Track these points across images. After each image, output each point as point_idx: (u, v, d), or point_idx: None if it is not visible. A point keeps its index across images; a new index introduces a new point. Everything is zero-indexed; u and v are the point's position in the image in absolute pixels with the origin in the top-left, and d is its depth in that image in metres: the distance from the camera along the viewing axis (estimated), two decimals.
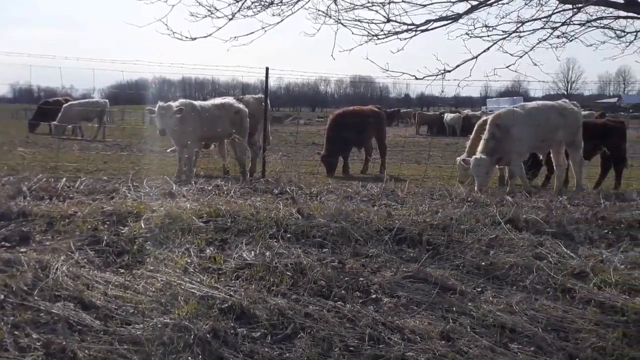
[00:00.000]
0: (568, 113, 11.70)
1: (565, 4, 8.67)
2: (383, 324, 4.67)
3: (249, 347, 4.20)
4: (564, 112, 11.67)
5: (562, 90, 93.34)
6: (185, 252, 5.80)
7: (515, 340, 4.62)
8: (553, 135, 11.56)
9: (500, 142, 11.18)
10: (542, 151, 12.46)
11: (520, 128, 11.18)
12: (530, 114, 11.52)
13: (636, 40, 9.22)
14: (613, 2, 8.47)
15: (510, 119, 11.35)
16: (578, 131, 11.80)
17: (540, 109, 11.87)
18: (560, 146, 11.84)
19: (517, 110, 11.72)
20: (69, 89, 35.11)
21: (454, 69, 8.76)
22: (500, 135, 11.19)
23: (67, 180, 8.63)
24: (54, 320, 4.29)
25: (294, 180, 10.21)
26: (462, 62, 8.79)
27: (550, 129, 11.48)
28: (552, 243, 6.76)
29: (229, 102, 12.78)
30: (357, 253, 6.25)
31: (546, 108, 11.92)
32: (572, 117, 11.73)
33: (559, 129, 11.53)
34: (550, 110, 11.77)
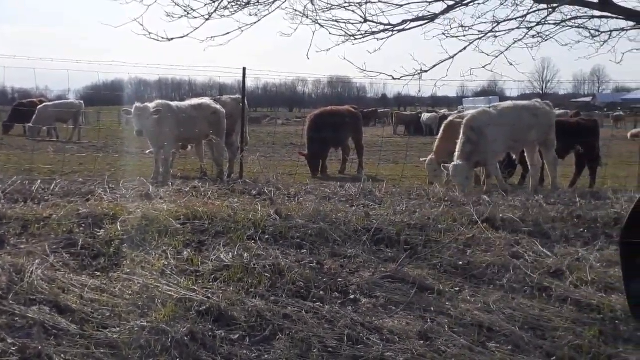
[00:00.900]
0: (540, 113, 11.80)
1: (540, 3, 8.72)
2: (362, 325, 4.66)
3: (227, 350, 4.17)
4: (536, 112, 11.77)
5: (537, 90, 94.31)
6: (163, 254, 5.76)
7: (492, 339, 4.63)
8: (526, 135, 11.66)
9: (476, 144, 11.25)
10: (515, 151, 12.53)
11: (495, 128, 11.26)
12: (503, 114, 11.63)
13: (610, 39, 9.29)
14: (588, 2, 8.53)
15: (484, 120, 11.42)
16: (551, 130, 11.90)
17: (513, 109, 11.98)
18: (533, 146, 11.93)
19: (490, 111, 11.82)
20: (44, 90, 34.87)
21: (430, 69, 8.78)
22: (475, 138, 11.25)
23: (42, 182, 8.54)
24: (30, 325, 4.22)
25: (272, 181, 10.20)
26: (439, 62, 8.81)
27: (523, 128, 11.57)
28: (529, 242, 6.82)
29: (206, 103, 12.74)
30: (336, 254, 6.25)
31: (518, 108, 12.04)
32: (545, 117, 11.83)
33: (532, 128, 11.64)
34: (523, 110, 11.88)
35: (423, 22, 8.62)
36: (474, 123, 11.44)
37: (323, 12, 8.56)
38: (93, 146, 20.98)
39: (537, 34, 9.11)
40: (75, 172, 12.27)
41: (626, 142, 23.09)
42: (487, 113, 11.75)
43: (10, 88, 50.39)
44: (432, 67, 8.79)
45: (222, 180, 11.34)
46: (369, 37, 8.64)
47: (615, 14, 8.52)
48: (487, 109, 12.10)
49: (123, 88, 40.46)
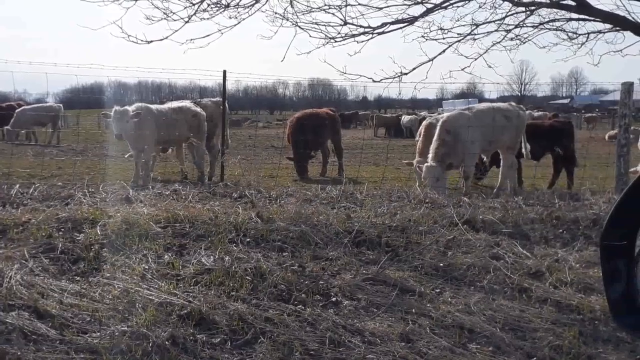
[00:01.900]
0: (513, 115, 11.86)
1: (519, 6, 8.82)
2: (343, 327, 4.67)
3: (209, 354, 4.16)
4: (508, 114, 11.83)
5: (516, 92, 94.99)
6: (143, 258, 5.72)
7: (473, 340, 4.65)
8: (499, 136, 11.71)
9: (451, 146, 11.33)
10: (488, 153, 12.62)
11: (470, 130, 11.33)
12: (478, 116, 11.70)
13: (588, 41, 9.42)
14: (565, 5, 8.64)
15: (459, 122, 11.48)
16: (520, 134, 11.97)
17: (487, 110, 12.07)
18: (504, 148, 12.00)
19: (465, 113, 11.88)
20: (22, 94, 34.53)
21: (410, 72, 8.86)
22: (451, 140, 11.34)
23: (20, 186, 8.46)
24: (8, 330, 4.18)
25: (253, 183, 10.19)
26: (419, 65, 8.89)
27: (497, 130, 11.63)
28: (509, 243, 6.85)
29: (186, 106, 12.71)
30: (317, 256, 6.24)
31: (492, 110, 12.11)
32: (517, 120, 11.92)
33: (505, 130, 11.71)
34: (496, 112, 11.97)
35: (402, 25, 8.69)
36: (449, 125, 11.52)
37: (303, 15, 8.60)
38: (72, 150, 20.81)
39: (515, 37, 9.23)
40: (54, 175, 12.17)
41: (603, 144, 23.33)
42: (462, 115, 11.82)
43: None
44: (411, 70, 8.87)
45: (203, 183, 11.32)
46: (349, 39, 8.69)
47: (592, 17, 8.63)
48: (463, 111, 12.17)
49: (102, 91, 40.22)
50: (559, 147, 13.39)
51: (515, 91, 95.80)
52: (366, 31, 8.66)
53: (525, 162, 13.94)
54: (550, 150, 13.62)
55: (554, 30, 9.51)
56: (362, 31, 8.66)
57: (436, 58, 8.85)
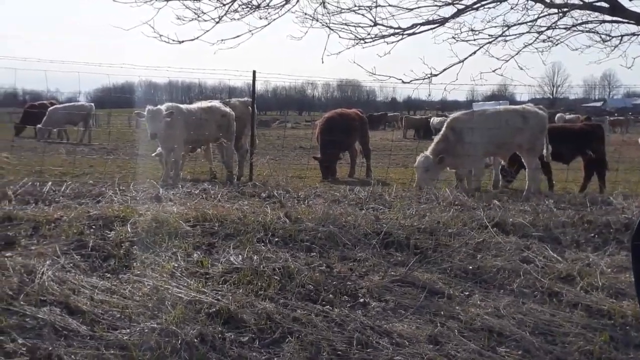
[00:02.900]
0: (531, 116, 11.67)
1: (551, 8, 8.72)
2: (371, 328, 4.66)
3: (237, 352, 4.18)
4: (526, 116, 11.65)
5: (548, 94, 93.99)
6: (173, 256, 5.77)
7: (502, 343, 4.62)
8: (513, 139, 11.53)
9: (452, 144, 11.30)
10: (502, 155, 12.48)
11: (475, 132, 11.23)
12: (487, 118, 11.56)
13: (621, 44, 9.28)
14: (598, 7, 8.52)
15: (467, 122, 11.39)
16: (540, 135, 11.76)
17: (500, 112, 11.94)
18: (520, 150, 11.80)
19: (475, 114, 11.76)
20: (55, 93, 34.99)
21: (440, 73, 8.80)
22: (453, 139, 11.31)
23: (53, 184, 8.57)
24: (40, 325, 4.24)
25: (281, 184, 10.20)
26: (449, 66, 8.83)
27: (510, 132, 11.48)
28: (539, 247, 6.80)
29: (215, 106, 12.75)
30: (345, 257, 6.25)
31: (507, 112, 11.98)
32: (535, 121, 11.68)
33: (520, 132, 11.50)
34: (512, 114, 11.82)
35: (433, 26, 8.64)
36: (456, 124, 11.51)
37: (333, 16, 8.59)
38: (103, 148, 21.03)
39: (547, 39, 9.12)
40: (85, 174, 12.30)
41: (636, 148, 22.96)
42: (470, 116, 11.73)
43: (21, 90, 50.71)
44: (442, 71, 8.81)
45: (232, 183, 11.34)
46: (378, 40, 8.66)
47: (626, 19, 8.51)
48: (472, 112, 12.05)
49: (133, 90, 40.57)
50: (589, 150, 13.21)
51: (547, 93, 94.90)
52: (396, 32, 8.63)
53: (556, 165, 13.80)
54: (581, 153, 13.44)
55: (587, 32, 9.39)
56: (392, 32, 8.62)
57: (467, 59, 8.78)
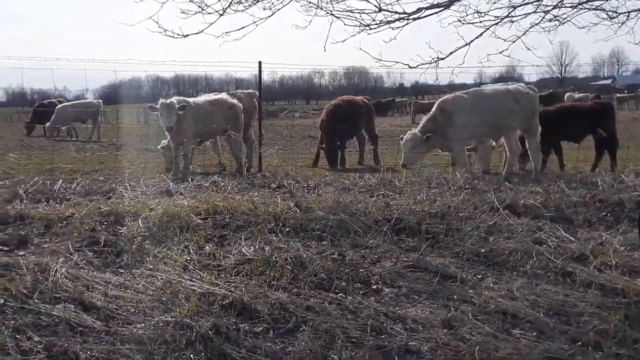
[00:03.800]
0: (522, 97, 11.50)
1: None
2: (385, 315, 4.67)
3: (252, 342, 4.19)
4: (517, 97, 11.48)
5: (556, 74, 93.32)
6: (185, 249, 5.80)
7: (517, 325, 4.62)
8: (506, 120, 11.39)
9: (440, 126, 11.23)
10: (495, 137, 12.38)
11: (465, 115, 11.12)
12: (478, 101, 11.44)
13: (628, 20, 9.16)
14: None
15: (456, 104, 11.33)
16: (534, 115, 11.58)
17: (492, 94, 11.80)
18: (513, 132, 11.64)
19: (465, 97, 11.65)
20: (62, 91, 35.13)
21: (447, 57, 8.73)
22: (442, 120, 11.24)
23: (63, 182, 8.62)
24: (55, 323, 4.27)
25: (291, 174, 10.21)
26: (456, 49, 8.75)
27: (503, 114, 11.32)
28: (551, 227, 6.77)
29: (222, 98, 12.73)
30: (357, 244, 6.25)
31: (498, 93, 11.86)
32: (527, 102, 11.50)
33: (513, 114, 11.36)
34: (503, 95, 11.70)
35: (438, 9, 8.56)
36: (445, 105, 11.45)
37: (337, 3, 8.52)
38: (113, 145, 21.08)
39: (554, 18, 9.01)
40: (95, 170, 12.33)
41: None
42: (461, 98, 11.65)
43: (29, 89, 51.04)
44: (448, 55, 8.74)
45: (242, 174, 11.35)
46: (384, 26, 8.59)
47: None
48: (463, 94, 11.94)
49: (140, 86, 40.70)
50: (600, 129, 13.11)
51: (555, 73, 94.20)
52: (401, 17, 8.56)
53: (567, 144, 13.72)
54: (591, 132, 13.34)
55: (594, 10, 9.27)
56: (397, 17, 8.56)
57: (473, 42, 8.70)
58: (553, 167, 12.68)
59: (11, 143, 20.49)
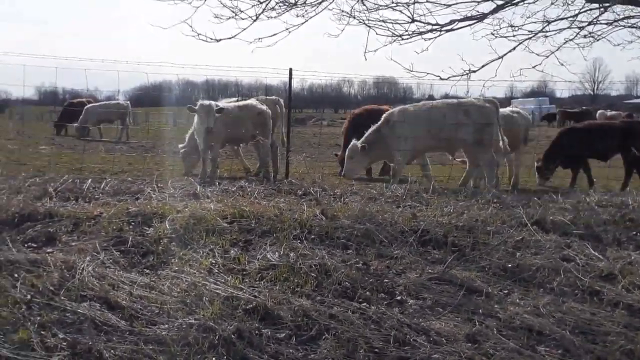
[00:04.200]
0: (473, 110, 11.37)
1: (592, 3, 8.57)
2: (408, 326, 4.63)
3: (274, 348, 4.19)
4: (468, 110, 11.37)
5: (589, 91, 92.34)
6: (210, 252, 5.82)
7: (542, 342, 4.56)
8: (454, 133, 11.26)
9: (382, 136, 11.37)
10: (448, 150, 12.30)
11: (407, 126, 11.19)
12: (422, 113, 11.45)
13: None
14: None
15: (400, 116, 11.43)
16: (485, 129, 11.38)
17: (439, 107, 11.71)
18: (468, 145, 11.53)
19: (410, 109, 11.68)
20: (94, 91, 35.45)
21: (479, 69, 8.70)
22: (385, 131, 11.38)
23: (92, 181, 8.70)
24: (80, 320, 4.30)
25: (317, 181, 10.23)
26: (488, 62, 8.73)
27: (449, 127, 11.26)
28: (580, 245, 6.68)
29: (251, 104, 12.79)
30: (382, 254, 6.22)
31: (446, 106, 11.75)
32: (478, 115, 11.36)
33: (462, 127, 11.23)
34: (451, 108, 11.59)
35: (471, 22, 8.55)
36: (390, 117, 11.56)
37: (370, 13, 8.55)
38: (142, 146, 21.28)
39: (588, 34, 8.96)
40: (124, 171, 12.47)
41: None
42: (404, 111, 11.72)
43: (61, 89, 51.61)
44: (480, 67, 8.71)
45: (269, 180, 11.38)
46: (416, 37, 8.60)
47: None
48: (408, 107, 11.94)
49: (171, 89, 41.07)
50: (628, 148, 12.95)
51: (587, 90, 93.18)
52: (434, 28, 8.56)
53: (596, 163, 13.58)
54: (620, 151, 13.19)
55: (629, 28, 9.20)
56: (430, 28, 8.56)
57: (506, 55, 8.67)
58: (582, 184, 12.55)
59: (42, 141, 20.77)
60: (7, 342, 3.93)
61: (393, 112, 11.83)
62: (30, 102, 59.32)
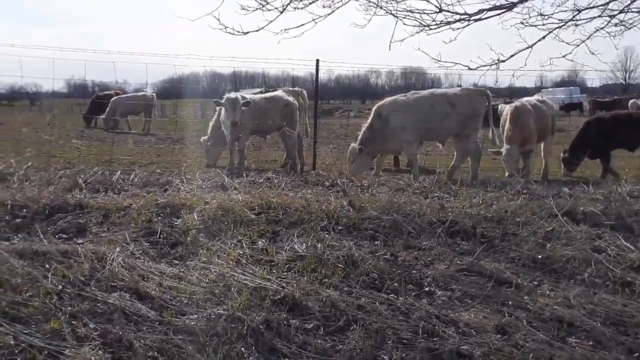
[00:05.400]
0: (459, 101, 11.32)
1: None
2: (437, 317, 4.61)
3: (302, 339, 4.20)
4: (453, 100, 11.32)
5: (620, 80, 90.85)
6: (238, 243, 5.84)
7: (573, 334, 4.51)
8: (442, 123, 11.23)
9: (377, 131, 11.27)
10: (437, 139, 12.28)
11: (401, 117, 11.11)
12: (412, 103, 11.39)
13: None
14: None
15: (392, 107, 11.35)
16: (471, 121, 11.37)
17: (425, 97, 11.66)
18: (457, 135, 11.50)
19: (399, 99, 11.59)
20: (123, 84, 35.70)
21: (508, 59, 8.57)
22: (378, 125, 11.27)
23: (121, 173, 8.78)
24: (111, 311, 4.35)
25: (344, 172, 10.19)
26: (517, 52, 8.58)
27: (436, 117, 11.22)
28: (611, 236, 6.59)
29: (278, 95, 12.81)
30: (410, 246, 6.19)
31: (432, 96, 11.70)
32: (465, 106, 11.30)
33: (448, 117, 11.19)
34: (437, 98, 11.54)
35: (500, 11, 8.42)
36: (381, 110, 11.47)
37: (397, 3, 8.45)
38: (170, 138, 21.40)
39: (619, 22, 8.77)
40: (153, 163, 12.55)
41: None
42: (395, 101, 11.61)
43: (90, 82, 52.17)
44: (509, 57, 8.58)
45: (296, 171, 11.39)
46: (444, 27, 8.48)
47: None
48: (398, 97, 11.80)
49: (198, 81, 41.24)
50: None
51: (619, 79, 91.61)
52: (462, 18, 8.44)
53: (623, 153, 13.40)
54: None
55: None
56: (458, 18, 8.44)
57: (535, 45, 8.53)
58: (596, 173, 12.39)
59: (72, 134, 21.00)
60: (39, 332, 3.98)
61: (382, 104, 11.79)
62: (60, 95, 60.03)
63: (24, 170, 8.41)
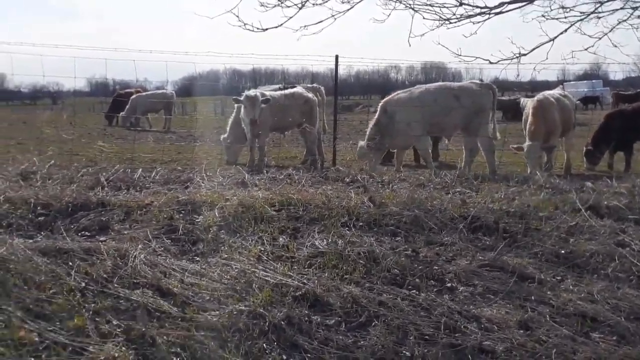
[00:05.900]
0: (463, 95, 11.26)
1: None
2: (459, 313, 4.59)
3: (324, 335, 4.19)
4: (458, 94, 11.26)
5: None
6: (259, 240, 5.85)
7: (596, 329, 4.48)
8: (445, 118, 11.19)
9: (384, 127, 11.27)
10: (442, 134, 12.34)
11: (406, 111, 11.09)
12: (415, 97, 11.39)
13: None
14: None
15: (397, 102, 11.39)
16: (476, 116, 11.29)
17: (429, 91, 11.62)
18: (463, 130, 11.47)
19: (402, 94, 11.63)
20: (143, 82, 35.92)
21: (529, 52, 8.50)
22: (385, 121, 11.27)
23: (143, 170, 8.81)
24: (134, 307, 4.37)
25: (365, 168, 10.17)
26: (539, 45, 8.51)
27: (441, 111, 11.20)
28: (635, 230, 6.52)
29: (298, 92, 12.82)
30: (431, 241, 6.16)
31: (436, 90, 11.65)
32: (469, 100, 11.25)
33: (452, 111, 11.14)
34: (442, 92, 11.50)
35: (521, 4, 8.35)
36: (387, 106, 11.49)
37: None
38: (190, 135, 21.51)
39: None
40: (174, 160, 12.64)
41: None
42: (402, 96, 11.66)
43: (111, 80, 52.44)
44: (531, 50, 8.50)
45: (316, 168, 11.39)
46: (464, 20, 8.43)
47: None
48: (402, 92, 11.79)
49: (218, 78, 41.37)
50: None
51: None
52: (483, 11, 8.38)
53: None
54: None
55: None
56: (479, 11, 8.38)
57: (557, 38, 8.45)
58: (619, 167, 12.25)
59: (94, 132, 21.17)
60: (63, 329, 4.01)
61: (388, 100, 11.82)
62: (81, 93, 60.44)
63: (47, 169, 8.48)
